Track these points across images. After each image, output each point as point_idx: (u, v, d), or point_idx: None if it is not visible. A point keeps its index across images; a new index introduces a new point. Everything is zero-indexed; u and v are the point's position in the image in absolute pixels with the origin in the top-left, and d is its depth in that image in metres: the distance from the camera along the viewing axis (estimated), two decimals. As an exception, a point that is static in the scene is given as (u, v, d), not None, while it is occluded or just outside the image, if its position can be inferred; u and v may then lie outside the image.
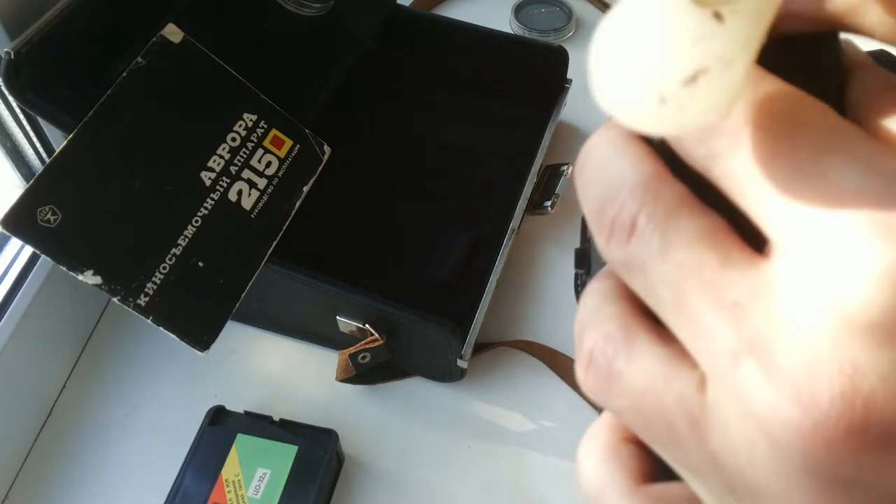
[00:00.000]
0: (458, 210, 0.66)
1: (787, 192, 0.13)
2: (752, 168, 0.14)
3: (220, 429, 0.54)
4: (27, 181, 0.50)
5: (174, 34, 0.52)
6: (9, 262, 0.56)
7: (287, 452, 0.53)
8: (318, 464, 0.52)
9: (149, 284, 0.47)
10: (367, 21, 0.69)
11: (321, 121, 0.60)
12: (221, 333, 0.49)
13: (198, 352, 0.48)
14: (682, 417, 0.15)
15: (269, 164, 0.54)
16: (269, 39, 0.61)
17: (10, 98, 0.47)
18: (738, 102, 0.14)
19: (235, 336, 0.63)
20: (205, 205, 0.51)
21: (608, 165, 0.16)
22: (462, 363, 0.57)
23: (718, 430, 0.14)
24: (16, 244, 0.57)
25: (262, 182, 0.54)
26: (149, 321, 0.47)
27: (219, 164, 0.52)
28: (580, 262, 0.23)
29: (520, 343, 0.61)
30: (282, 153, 0.55)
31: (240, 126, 0.54)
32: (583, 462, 0.20)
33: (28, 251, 0.56)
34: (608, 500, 0.18)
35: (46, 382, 0.60)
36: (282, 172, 0.55)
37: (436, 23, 0.75)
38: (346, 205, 0.66)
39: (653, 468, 0.18)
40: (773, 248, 0.14)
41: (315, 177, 0.57)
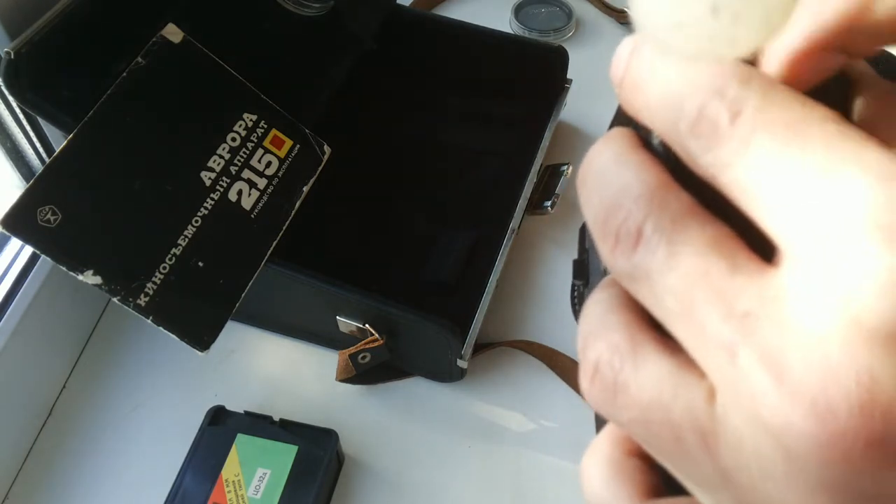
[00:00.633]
0: (458, 210, 0.66)
1: (797, 201, 0.13)
2: (761, 176, 0.14)
3: (220, 429, 0.54)
4: (27, 181, 0.50)
5: (174, 34, 0.52)
6: (9, 262, 0.56)
7: (287, 452, 0.53)
8: (318, 464, 0.52)
9: (149, 284, 0.47)
10: (367, 21, 0.69)
11: (321, 121, 0.60)
12: (221, 333, 0.49)
13: (198, 352, 0.48)
14: (691, 430, 0.15)
15: (269, 164, 0.54)
16: (269, 39, 0.61)
17: (10, 98, 0.47)
18: (746, 108, 0.14)
19: (235, 336, 0.63)
20: (205, 205, 0.51)
21: (612, 174, 0.16)
22: (462, 363, 0.57)
23: (729, 444, 0.14)
24: (16, 244, 0.57)
25: (262, 182, 0.54)
26: (149, 321, 0.47)
27: (219, 164, 0.52)
28: (579, 273, 0.22)
29: (520, 343, 0.61)
30: (282, 153, 0.55)
31: (240, 126, 0.54)
32: (587, 476, 0.19)
33: (28, 251, 0.56)
34: None
35: (46, 382, 0.60)
36: (282, 172, 0.55)
37: (436, 23, 0.75)
38: (346, 205, 0.66)
39: (659, 482, 0.18)
40: (783, 257, 0.14)
41: (315, 177, 0.57)
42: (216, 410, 0.55)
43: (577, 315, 0.18)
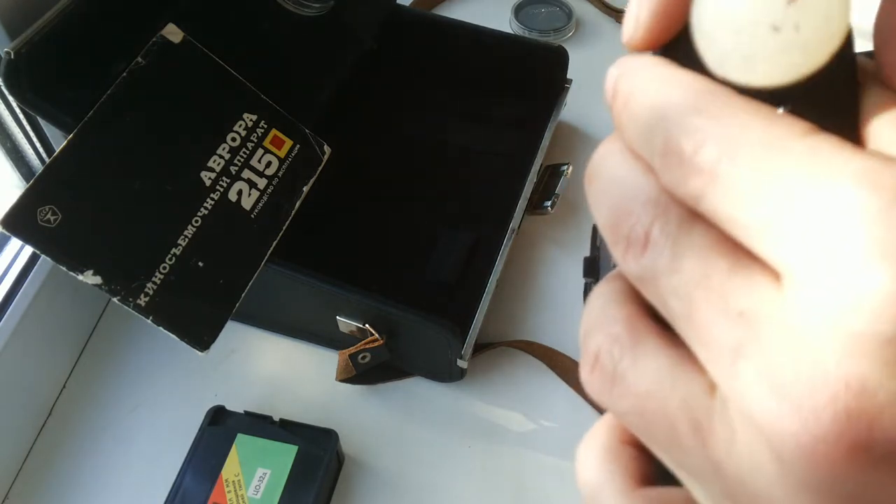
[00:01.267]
0: (458, 210, 0.66)
1: (779, 223, 0.13)
2: (735, 203, 0.14)
3: (220, 429, 0.54)
4: (27, 181, 0.50)
5: (174, 34, 0.52)
6: (9, 262, 0.56)
7: (287, 452, 0.53)
8: (318, 464, 0.52)
9: (149, 284, 0.47)
10: (367, 21, 0.69)
11: (321, 121, 0.60)
12: (221, 333, 0.49)
13: (198, 352, 0.48)
14: (685, 421, 0.15)
15: (269, 164, 0.54)
16: (269, 39, 0.61)
17: (10, 98, 0.47)
18: (708, 140, 0.14)
19: (235, 336, 0.63)
20: (205, 205, 0.51)
21: (619, 177, 0.16)
22: (462, 363, 0.57)
23: (722, 437, 0.14)
24: (16, 244, 0.57)
25: (262, 182, 0.54)
26: (149, 321, 0.47)
27: (219, 164, 0.52)
28: (590, 271, 0.23)
29: (520, 343, 0.61)
30: (282, 153, 0.55)
31: (240, 126, 0.54)
32: (582, 462, 0.20)
33: (28, 251, 0.56)
34: (605, 501, 0.18)
35: (46, 382, 0.60)
36: (282, 172, 0.55)
37: (436, 23, 0.75)
38: (346, 205, 0.66)
39: (652, 472, 0.18)
40: (777, 269, 0.14)
41: (315, 177, 0.57)
42: (216, 410, 0.55)
43: None
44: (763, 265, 0.14)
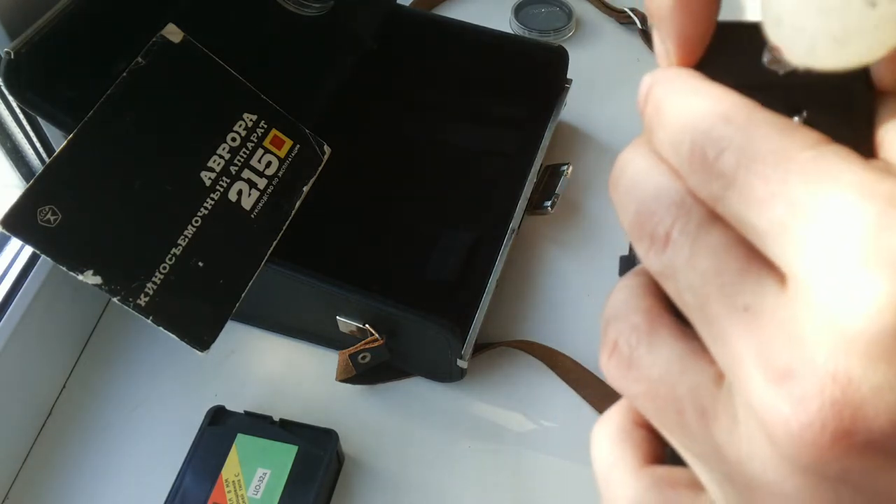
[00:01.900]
0: (458, 210, 0.66)
1: (784, 228, 0.14)
2: (748, 207, 0.15)
3: (220, 429, 0.54)
4: (27, 181, 0.50)
5: (174, 34, 0.52)
6: (9, 262, 0.56)
7: (287, 452, 0.53)
8: (318, 464, 0.52)
9: (149, 284, 0.47)
10: (367, 21, 0.69)
11: (321, 121, 0.60)
12: (221, 333, 0.49)
13: (198, 352, 0.48)
14: (692, 406, 0.16)
15: (269, 164, 0.54)
16: (269, 39, 0.61)
17: (10, 98, 0.47)
18: (728, 147, 0.15)
19: (235, 336, 0.63)
20: (205, 205, 0.51)
21: (643, 181, 0.17)
22: (462, 363, 0.57)
23: (724, 423, 0.16)
24: (16, 244, 0.57)
25: (262, 182, 0.54)
26: (149, 321, 0.47)
27: (219, 164, 0.52)
28: (625, 270, 0.24)
29: (520, 343, 0.61)
30: (282, 153, 0.55)
31: (240, 126, 0.54)
32: (596, 441, 0.21)
33: (28, 251, 0.56)
34: (616, 478, 0.20)
35: (46, 382, 0.60)
36: (282, 172, 0.55)
37: (436, 23, 0.75)
38: (346, 205, 0.66)
39: (661, 453, 0.20)
40: (783, 271, 0.15)
41: (315, 177, 0.57)
42: (216, 410, 0.55)
43: None
44: (771, 267, 0.15)
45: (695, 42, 0.17)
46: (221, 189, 0.52)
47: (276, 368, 0.62)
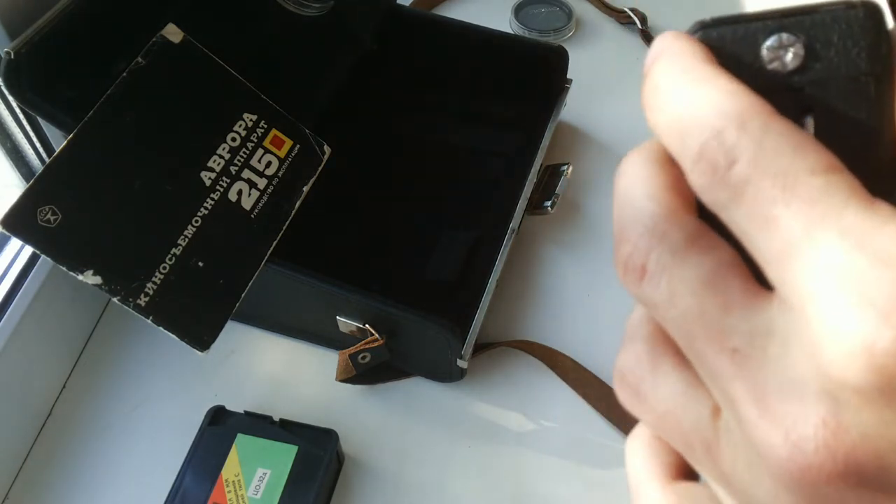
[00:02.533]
0: (458, 210, 0.66)
1: (782, 252, 0.14)
2: (751, 224, 0.15)
3: (220, 429, 0.54)
4: (27, 181, 0.50)
5: (174, 34, 0.52)
6: (9, 262, 0.56)
7: (287, 452, 0.53)
8: (318, 464, 0.52)
9: (149, 284, 0.47)
10: (367, 21, 0.69)
11: (321, 121, 0.60)
12: (221, 333, 0.49)
13: (198, 352, 0.48)
14: (698, 440, 0.17)
15: (269, 164, 0.54)
16: (269, 39, 0.61)
17: (10, 98, 0.47)
18: (741, 158, 0.15)
19: (235, 336, 0.63)
20: (205, 205, 0.51)
21: (628, 195, 0.17)
22: (462, 363, 0.57)
23: (728, 455, 0.17)
24: (16, 244, 0.57)
25: (262, 182, 0.54)
26: (149, 321, 0.47)
27: (219, 164, 0.52)
28: None
29: (520, 343, 0.61)
30: (282, 153, 0.55)
31: (240, 126, 0.54)
32: (629, 454, 0.22)
33: (28, 251, 0.56)
34: (644, 493, 0.20)
35: (46, 382, 0.60)
36: (282, 172, 0.55)
37: (436, 23, 0.75)
38: (346, 205, 0.66)
39: (688, 464, 0.20)
40: (775, 293, 0.15)
41: (315, 177, 0.57)
42: (216, 410, 0.55)
43: None
44: (758, 292, 0.15)
45: None
46: (221, 189, 0.52)
47: (276, 368, 0.62)
